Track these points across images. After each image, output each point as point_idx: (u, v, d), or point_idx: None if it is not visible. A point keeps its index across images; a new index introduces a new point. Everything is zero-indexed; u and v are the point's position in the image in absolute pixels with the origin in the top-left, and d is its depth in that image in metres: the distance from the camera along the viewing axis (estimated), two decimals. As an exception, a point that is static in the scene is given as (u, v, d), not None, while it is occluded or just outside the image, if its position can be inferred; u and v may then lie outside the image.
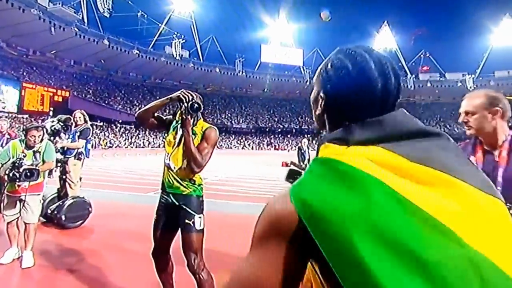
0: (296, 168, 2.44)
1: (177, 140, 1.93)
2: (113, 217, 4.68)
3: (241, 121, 52.32)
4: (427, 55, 59.16)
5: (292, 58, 56.04)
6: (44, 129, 3.28)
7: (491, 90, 1.41)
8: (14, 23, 33.71)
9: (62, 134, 4.29)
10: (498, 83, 51.51)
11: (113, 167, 13.36)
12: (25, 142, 2.98)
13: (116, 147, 34.91)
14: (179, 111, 1.91)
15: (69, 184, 4.32)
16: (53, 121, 4.29)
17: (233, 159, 19.92)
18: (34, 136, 2.96)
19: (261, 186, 8.27)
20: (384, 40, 59.12)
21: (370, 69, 0.55)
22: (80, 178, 4.50)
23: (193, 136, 1.91)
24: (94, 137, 34.07)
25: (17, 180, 2.84)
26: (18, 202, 2.97)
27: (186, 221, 1.89)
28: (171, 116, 2.07)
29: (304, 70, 57.20)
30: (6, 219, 2.97)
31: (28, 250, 2.91)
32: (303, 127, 54.99)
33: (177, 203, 1.93)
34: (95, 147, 31.58)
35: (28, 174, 2.83)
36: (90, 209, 4.15)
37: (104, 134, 37.43)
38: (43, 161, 3.05)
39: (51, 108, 33.77)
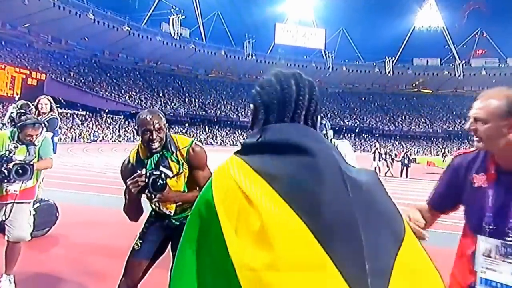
0: None
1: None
2: (89, 224, 4.72)
3: (249, 114, 50.24)
4: (484, 35, 56.35)
5: (312, 39, 54.34)
6: (43, 124, 3.05)
7: None
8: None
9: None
10: None
11: (96, 164, 13.32)
12: (17, 135, 2.75)
13: (101, 140, 33.78)
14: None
15: None
16: (14, 108, 4.26)
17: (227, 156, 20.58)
18: (31, 136, 2.74)
19: None
20: (428, 18, 56.75)
21: (286, 86, 0.76)
22: (42, 179, 4.40)
23: (176, 172, 1.89)
24: (75, 129, 32.90)
25: (6, 180, 2.59)
26: (2, 212, 2.72)
27: None
28: (130, 163, 1.98)
29: (326, 54, 55.27)
30: None
31: (11, 275, 2.76)
32: (323, 122, 53.21)
33: (177, 223, 1.96)
34: (75, 140, 30.55)
35: (20, 171, 2.59)
36: (57, 214, 4.18)
37: (87, 126, 35.91)
38: (39, 157, 2.84)
39: (18, 92, 32.23)
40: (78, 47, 43.28)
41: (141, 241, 1.94)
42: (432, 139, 54.80)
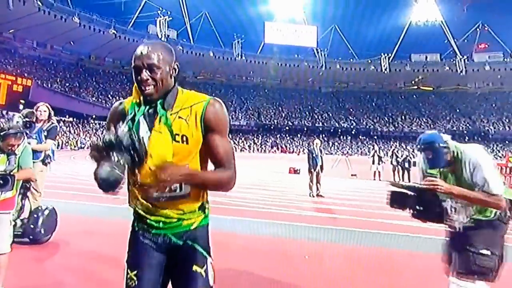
0: (400, 190, 2.23)
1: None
2: (79, 234, 4.78)
3: (240, 117, 52.27)
4: (485, 28, 55.84)
5: (304, 37, 55.97)
6: (24, 134, 3.26)
7: None
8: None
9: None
10: None
11: (83, 172, 13.41)
12: None
13: (88, 147, 34.99)
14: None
15: (33, 194, 4.39)
16: (19, 117, 4.36)
17: (229, 163, 20.72)
18: (13, 145, 2.87)
19: (264, 198, 8.33)
20: (425, 11, 57.34)
21: None
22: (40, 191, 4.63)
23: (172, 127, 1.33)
24: (61, 136, 34.47)
25: None
26: None
27: (196, 269, 1.41)
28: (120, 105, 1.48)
29: (318, 52, 57.01)
30: None
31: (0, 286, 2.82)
32: (316, 125, 54.26)
33: (180, 242, 1.43)
34: (62, 148, 31.85)
35: (1, 181, 2.68)
36: (57, 219, 4.44)
37: (74, 132, 37.75)
38: (19, 167, 2.96)
39: (22, 101, 33.58)
40: (63, 52, 45.35)
41: (135, 272, 1.40)
42: (434, 139, 55.42)
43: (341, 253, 4.35)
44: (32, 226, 4.11)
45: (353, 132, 54.78)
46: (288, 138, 52.41)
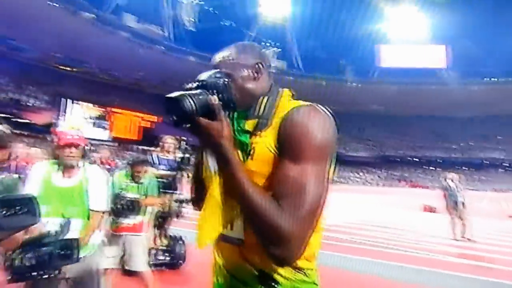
0: None
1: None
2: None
3: (359, 148, 50.64)
4: None
5: (429, 58, 50.92)
6: (148, 163, 3.98)
7: None
8: (105, 47, 39.71)
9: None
10: None
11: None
12: (130, 175, 3.48)
13: None
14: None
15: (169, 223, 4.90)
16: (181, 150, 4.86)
17: (351, 198, 19.96)
18: (140, 172, 3.48)
19: (391, 237, 8.15)
20: None
21: None
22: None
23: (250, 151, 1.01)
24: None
25: (119, 215, 3.27)
26: (121, 244, 3.29)
27: None
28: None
29: (445, 73, 51.03)
30: (106, 263, 2.93)
31: None
32: (453, 155, 48.82)
33: None
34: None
35: (128, 206, 3.29)
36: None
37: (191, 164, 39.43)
38: (146, 195, 3.47)
39: (184, 139, 39.14)
40: (180, 89, 49.74)
41: None
42: None
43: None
44: (181, 251, 4.59)
45: (504, 164, 47.32)
46: (418, 171, 48.49)
